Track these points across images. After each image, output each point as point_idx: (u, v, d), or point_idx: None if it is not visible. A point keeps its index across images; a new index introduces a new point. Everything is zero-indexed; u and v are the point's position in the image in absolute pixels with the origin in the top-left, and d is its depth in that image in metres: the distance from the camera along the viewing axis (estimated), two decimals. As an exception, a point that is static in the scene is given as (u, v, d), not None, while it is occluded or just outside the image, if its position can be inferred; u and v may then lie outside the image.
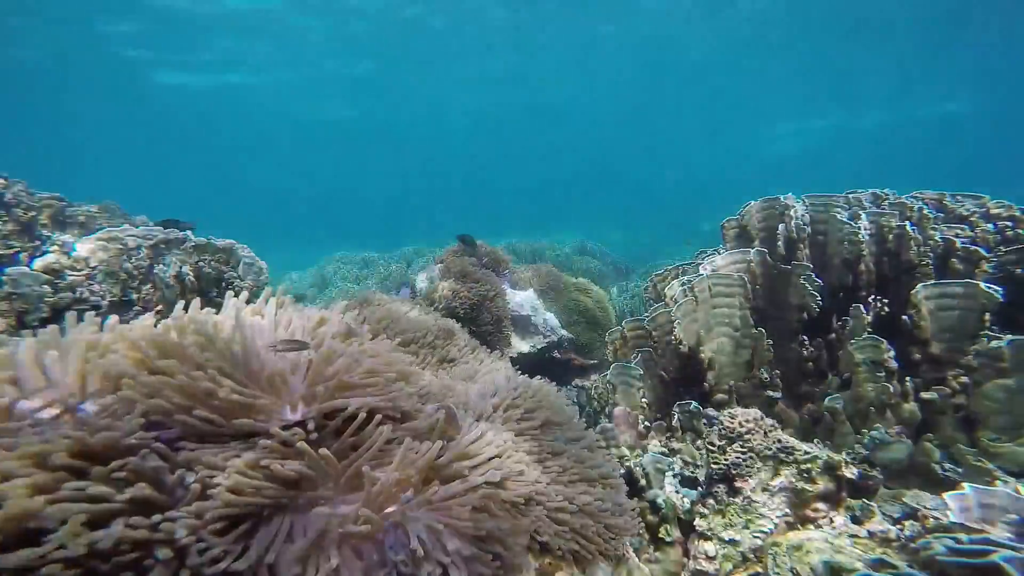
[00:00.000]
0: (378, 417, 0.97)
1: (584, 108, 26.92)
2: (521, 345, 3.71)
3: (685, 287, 2.45)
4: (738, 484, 1.71)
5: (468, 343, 1.88)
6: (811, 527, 1.64)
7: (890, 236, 2.35)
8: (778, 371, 2.32)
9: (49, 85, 18.83)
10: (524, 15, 15.07)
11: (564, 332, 3.91)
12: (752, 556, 1.60)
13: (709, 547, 1.66)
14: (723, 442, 1.76)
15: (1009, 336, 1.88)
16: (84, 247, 2.51)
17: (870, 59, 17.26)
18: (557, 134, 35.63)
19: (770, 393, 2.29)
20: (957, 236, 2.36)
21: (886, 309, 2.29)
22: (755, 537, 1.61)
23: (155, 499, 0.76)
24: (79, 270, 2.43)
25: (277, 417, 0.92)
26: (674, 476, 1.99)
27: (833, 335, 2.38)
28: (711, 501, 1.74)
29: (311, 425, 0.91)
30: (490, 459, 1.04)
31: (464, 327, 3.11)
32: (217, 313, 1.15)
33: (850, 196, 2.75)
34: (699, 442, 2.10)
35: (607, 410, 2.61)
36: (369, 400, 0.98)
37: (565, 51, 18.06)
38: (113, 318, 1.03)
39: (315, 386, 0.95)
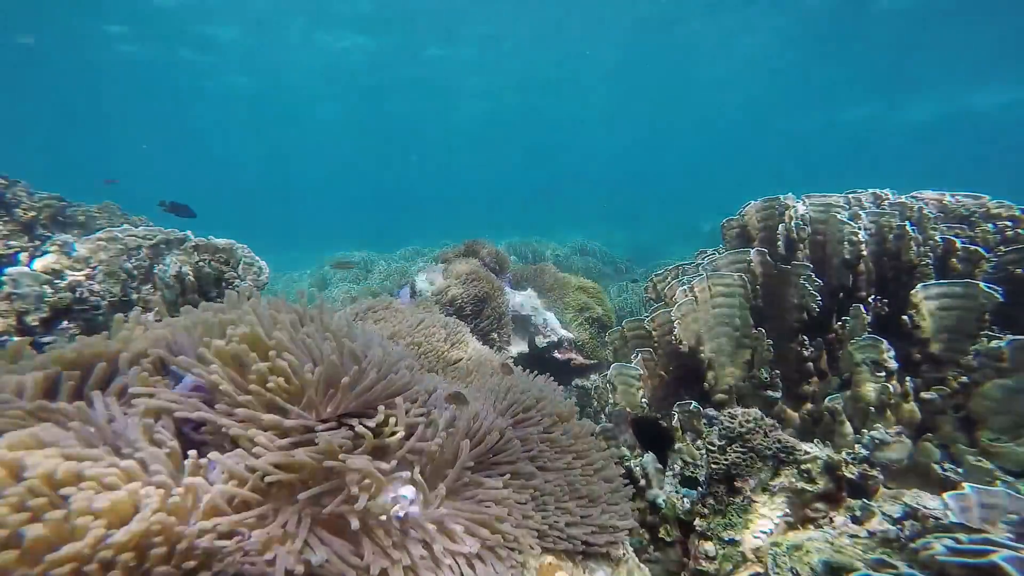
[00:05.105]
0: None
1: (585, 108, 26.89)
2: (521, 345, 3.71)
3: (685, 287, 2.45)
4: (738, 484, 1.71)
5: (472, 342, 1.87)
6: (811, 527, 1.64)
7: (890, 236, 2.34)
8: (778, 371, 2.32)
9: (48, 80, 18.83)
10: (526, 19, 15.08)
11: (564, 332, 3.91)
12: (752, 556, 1.60)
13: (709, 547, 1.65)
14: (723, 442, 1.76)
15: (1009, 336, 1.88)
16: (84, 247, 2.51)
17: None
18: (558, 134, 35.61)
19: (770, 393, 2.29)
20: (957, 236, 2.35)
21: (886, 309, 2.29)
22: (755, 537, 1.61)
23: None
24: (79, 270, 2.43)
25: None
26: (674, 476, 1.99)
27: (833, 335, 2.38)
28: (711, 501, 1.74)
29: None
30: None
31: (465, 326, 3.12)
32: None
33: (850, 196, 2.75)
34: (699, 442, 2.10)
35: (607, 410, 2.60)
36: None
37: (566, 51, 18.05)
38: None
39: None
